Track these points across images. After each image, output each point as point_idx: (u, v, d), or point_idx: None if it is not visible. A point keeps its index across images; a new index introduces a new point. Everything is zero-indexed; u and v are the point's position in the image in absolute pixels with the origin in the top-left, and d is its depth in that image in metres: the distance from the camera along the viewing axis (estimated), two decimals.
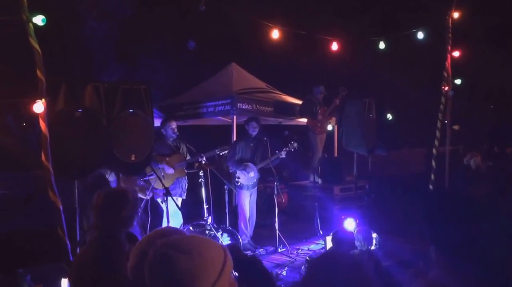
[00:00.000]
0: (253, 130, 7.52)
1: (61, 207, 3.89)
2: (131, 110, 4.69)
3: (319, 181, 9.58)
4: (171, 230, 2.02)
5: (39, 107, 3.84)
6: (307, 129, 9.85)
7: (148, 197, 6.08)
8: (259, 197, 8.02)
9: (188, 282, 1.41)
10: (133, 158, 4.73)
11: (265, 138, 7.48)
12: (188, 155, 7.03)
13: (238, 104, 9.20)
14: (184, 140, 7.05)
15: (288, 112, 10.31)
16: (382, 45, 7.13)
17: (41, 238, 7.19)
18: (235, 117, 9.38)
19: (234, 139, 9.23)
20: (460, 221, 2.14)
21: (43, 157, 3.88)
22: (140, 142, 4.82)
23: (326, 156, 9.97)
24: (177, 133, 6.84)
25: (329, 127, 10.24)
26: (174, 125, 6.82)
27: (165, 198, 5.57)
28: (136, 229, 3.10)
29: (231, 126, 11.74)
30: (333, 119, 10.39)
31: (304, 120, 10.46)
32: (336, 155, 11.07)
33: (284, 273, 6.45)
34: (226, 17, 10.56)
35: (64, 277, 5.34)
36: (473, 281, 1.53)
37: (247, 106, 9.39)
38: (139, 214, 3.09)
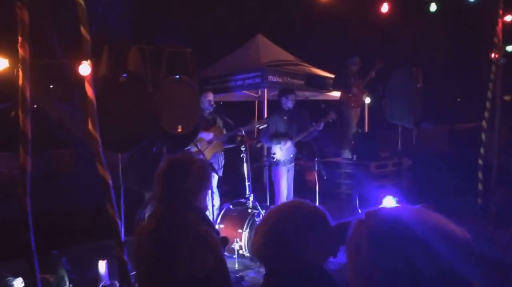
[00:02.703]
0: (291, 103, 7.06)
1: (110, 182, 3.49)
2: (177, 76, 4.27)
3: (354, 157, 9.15)
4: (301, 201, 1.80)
5: (85, 69, 3.39)
6: (341, 103, 9.38)
7: None
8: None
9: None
10: (179, 130, 4.33)
11: (304, 111, 7.06)
12: (224, 129, 6.61)
13: (269, 76, 8.76)
14: (220, 113, 6.62)
15: (320, 85, 9.85)
16: (433, 7, 6.54)
17: (68, 218, 6.91)
18: (266, 90, 8.92)
19: (265, 113, 8.81)
20: None
21: (90, 126, 3.44)
22: (187, 111, 4.43)
23: (360, 131, 9.52)
24: (214, 106, 6.41)
25: (367, 100, 9.74)
26: (211, 96, 6.39)
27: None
28: None
29: (256, 102, 11.39)
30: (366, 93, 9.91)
31: (334, 94, 10.02)
32: (366, 130, 10.62)
33: None
34: None
35: (102, 259, 5.01)
36: None
37: (277, 79, 8.94)
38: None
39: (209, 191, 2.73)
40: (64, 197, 8.18)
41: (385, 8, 5.86)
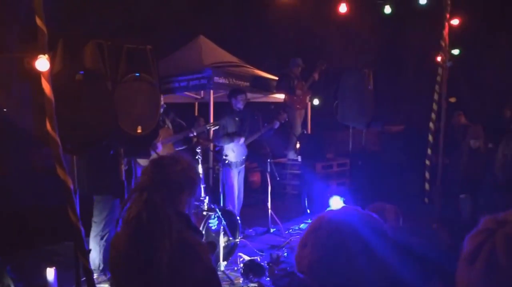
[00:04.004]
0: (241, 104, 7.00)
1: (72, 187, 3.19)
2: (137, 74, 4.03)
3: (299, 158, 9.19)
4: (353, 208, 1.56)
5: (43, 64, 3.08)
6: (285, 105, 9.38)
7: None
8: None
9: None
10: (139, 131, 4.08)
11: (255, 112, 6.99)
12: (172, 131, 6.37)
13: (215, 78, 8.55)
14: (170, 114, 6.38)
15: (265, 87, 9.76)
16: (388, 10, 6.61)
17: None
18: (211, 92, 8.73)
19: (211, 115, 8.62)
20: None
21: (48, 127, 3.13)
22: (147, 111, 4.18)
23: (305, 132, 9.57)
24: (164, 106, 6.16)
25: (316, 102, 9.80)
26: (161, 97, 6.13)
27: None
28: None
29: (196, 104, 11.17)
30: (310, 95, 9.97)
31: (278, 97, 10.00)
32: (309, 131, 10.70)
33: (285, 254, 6.03)
34: None
35: (50, 266, 4.67)
36: None
37: (223, 80, 8.75)
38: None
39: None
40: None
41: (343, 8, 5.85)
